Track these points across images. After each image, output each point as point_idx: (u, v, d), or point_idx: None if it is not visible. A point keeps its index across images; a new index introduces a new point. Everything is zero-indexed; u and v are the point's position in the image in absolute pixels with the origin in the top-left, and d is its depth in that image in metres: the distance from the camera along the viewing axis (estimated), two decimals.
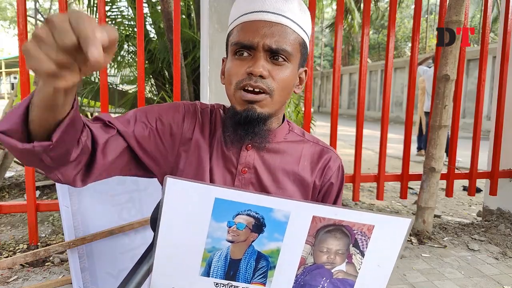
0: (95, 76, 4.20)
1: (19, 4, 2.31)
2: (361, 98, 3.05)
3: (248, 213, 0.58)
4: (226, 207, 0.58)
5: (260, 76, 0.77)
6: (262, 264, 0.63)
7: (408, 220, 0.61)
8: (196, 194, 0.57)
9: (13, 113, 0.61)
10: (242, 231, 0.60)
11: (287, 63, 0.81)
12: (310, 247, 0.62)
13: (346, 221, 0.60)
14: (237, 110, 0.81)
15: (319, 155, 0.92)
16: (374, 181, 3.22)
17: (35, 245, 2.51)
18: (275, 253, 0.62)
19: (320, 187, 0.91)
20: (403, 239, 0.61)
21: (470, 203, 4.31)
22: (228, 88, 0.83)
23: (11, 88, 24.22)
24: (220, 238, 0.60)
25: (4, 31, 28.70)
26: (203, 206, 0.58)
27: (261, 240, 0.61)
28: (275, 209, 0.58)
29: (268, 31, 0.78)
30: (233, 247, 0.61)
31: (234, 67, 0.81)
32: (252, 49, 0.79)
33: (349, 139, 7.26)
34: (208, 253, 0.61)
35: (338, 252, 0.62)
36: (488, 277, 2.41)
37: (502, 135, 3.30)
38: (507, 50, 3.22)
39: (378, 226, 0.60)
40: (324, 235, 0.61)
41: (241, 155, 0.87)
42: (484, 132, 3.77)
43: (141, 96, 2.58)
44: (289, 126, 0.94)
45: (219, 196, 0.57)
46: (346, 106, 20.97)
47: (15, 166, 4.90)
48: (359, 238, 0.61)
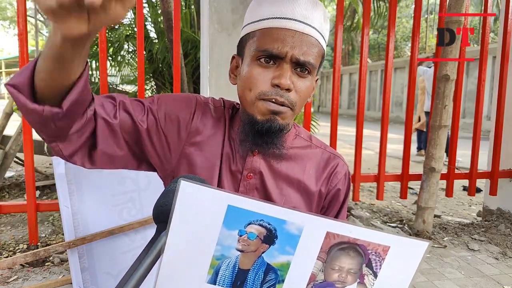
0: (95, 76, 4.20)
1: (19, 4, 2.31)
2: (361, 98, 3.05)
3: (261, 223, 0.57)
4: (238, 215, 0.56)
5: (287, 89, 0.76)
6: (270, 277, 0.61)
7: (426, 244, 0.59)
8: (209, 199, 0.56)
9: (26, 67, 0.60)
10: (253, 241, 0.58)
11: (309, 75, 0.80)
12: (321, 264, 0.60)
13: (361, 240, 0.58)
14: (257, 119, 0.79)
15: (326, 162, 0.91)
16: (374, 181, 3.22)
17: (35, 245, 2.51)
18: (285, 266, 0.60)
19: (326, 194, 0.90)
20: (418, 263, 0.59)
21: (470, 203, 4.31)
22: (245, 93, 0.80)
23: None
24: (230, 246, 0.59)
25: (4, 31, 28.69)
26: (215, 212, 0.56)
27: (271, 252, 0.59)
28: (289, 221, 0.57)
29: (297, 41, 0.76)
30: (242, 257, 0.59)
31: (256, 74, 0.78)
32: (278, 58, 0.76)
33: (349, 139, 7.26)
34: (217, 261, 0.60)
35: (350, 271, 0.60)
36: (488, 277, 2.41)
37: (502, 135, 3.30)
38: (507, 50, 3.21)
39: (394, 248, 0.58)
40: (337, 253, 0.59)
41: (247, 160, 0.86)
42: (484, 132, 3.77)
43: (141, 96, 2.57)
44: (295, 131, 0.92)
45: (232, 203, 0.56)
46: (346, 106, 20.96)
47: (15, 166, 4.89)
48: (373, 258, 0.59)
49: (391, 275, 0.60)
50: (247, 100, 0.80)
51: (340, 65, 2.97)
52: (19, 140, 3.73)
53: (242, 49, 0.83)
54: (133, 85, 4.44)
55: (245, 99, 0.81)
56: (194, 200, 0.56)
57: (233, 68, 0.87)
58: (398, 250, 0.59)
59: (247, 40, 0.81)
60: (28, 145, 2.39)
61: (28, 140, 2.39)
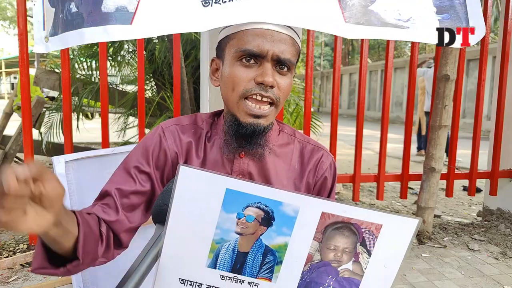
0: (95, 76, 4.20)
1: (19, 4, 2.31)
2: (361, 98, 3.05)
3: (258, 205, 0.58)
4: (236, 198, 0.58)
5: (270, 86, 0.78)
6: (269, 259, 0.63)
7: (416, 221, 0.61)
8: (208, 183, 0.58)
9: (36, 252, 0.69)
10: (251, 224, 0.60)
11: (289, 73, 0.82)
12: (317, 244, 0.62)
13: (354, 219, 0.60)
14: (240, 122, 0.81)
15: (310, 155, 0.93)
16: (374, 181, 3.22)
17: (35, 245, 2.51)
18: (282, 248, 0.62)
19: (314, 184, 0.93)
20: (410, 240, 0.61)
21: (470, 203, 4.31)
22: (229, 94, 0.82)
23: (11, 88, 24.22)
24: (229, 230, 0.60)
25: (4, 31, 28.70)
26: (214, 196, 0.58)
27: (269, 233, 0.61)
28: (285, 203, 0.58)
29: (277, 40, 0.79)
30: (241, 240, 0.61)
31: (239, 73, 0.80)
32: (260, 57, 0.79)
33: (349, 139, 7.26)
34: (216, 245, 0.61)
35: (345, 250, 0.62)
36: (488, 277, 2.41)
37: (502, 135, 3.30)
38: (507, 50, 3.21)
39: (386, 226, 0.60)
40: (332, 232, 0.61)
41: (235, 163, 0.88)
42: (484, 132, 3.77)
43: (141, 96, 2.58)
44: (279, 127, 0.95)
45: (230, 187, 0.57)
46: (346, 106, 20.96)
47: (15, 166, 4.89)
48: (367, 237, 0.61)
49: (384, 252, 0.62)
50: (231, 100, 0.82)
51: (340, 65, 2.97)
52: (19, 140, 3.73)
53: (222, 52, 0.85)
54: (133, 85, 4.44)
55: (229, 99, 0.83)
56: (193, 184, 0.58)
57: (214, 70, 0.89)
58: (390, 228, 0.61)
59: (227, 42, 0.84)
60: (28, 145, 2.39)
61: (28, 140, 2.39)
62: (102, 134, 2.55)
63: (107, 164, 1.70)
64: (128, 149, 1.69)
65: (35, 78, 3.96)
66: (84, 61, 4.16)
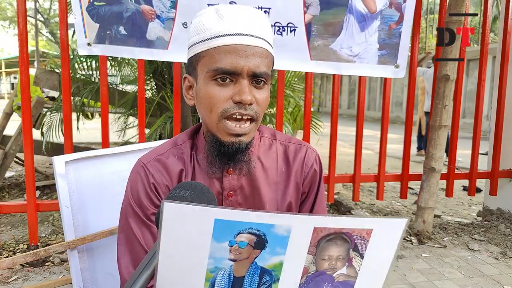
0: (95, 76, 4.20)
1: (19, 4, 2.31)
2: (361, 98, 3.05)
3: (250, 231, 0.57)
4: (226, 227, 0.57)
5: (249, 103, 0.77)
6: (266, 279, 0.62)
7: (404, 221, 0.61)
8: (195, 216, 0.57)
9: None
10: (244, 249, 0.59)
11: (266, 85, 0.81)
12: (312, 257, 0.62)
13: (346, 228, 0.60)
14: (222, 141, 0.81)
15: (294, 154, 0.94)
16: (374, 181, 3.22)
17: (35, 245, 2.51)
18: (278, 266, 0.62)
19: (302, 181, 0.94)
20: (399, 239, 0.63)
21: (470, 203, 4.31)
22: (207, 115, 0.81)
23: (11, 88, 24.23)
24: (222, 258, 0.60)
25: (4, 31, 28.70)
26: (203, 228, 0.57)
27: (263, 255, 0.60)
28: (276, 225, 0.58)
29: (250, 55, 0.76)
30: (236, 265, 0.60)
31: (215, 94, 0.78)
32: (235, 74, 0.77)
33: (349, 139, 7.26)
34: (211, 273, 0.61)
35: (339, 258, 0.63)
36: (488, 277, 2.41)
37: (502, 135, 3.30)
38: (507, 50, 3.21)
39: (376, 229, 0.61)
40: (325, 244, 0.61)
41: (224, 181, 0.88)
42: (484, 132, 3.77)
43: (141, 96, 2.58)
44: (259, 132, 0.94)
45: (218, 217, 0.56)
46: (346, 106, 20.97)
47: (15, 166, 4.90)
48: (359, 242, 0.62)
49: (376, 253, 0.64)
50: (209, 121, 0.81)
51: None
52: (19, 140, 3.73)
53: (194, 70, 0.83)
54: (133, 85, 4.44)
55: (208, 120, 0.82)
56: (180, 220, 0.57)
57: (187, 88, 0.87)
58: (380, 231, 0.62)
59: (198, 61, 0.80)
60: (28, 145, 2.39)
61: (28, 140, 2.39)
62: (102, 134, 2.55)
63: (107, 164, 1.70)
64: (128, 149, 1.69)
65: (35, 78, 3.95)
66: (84, 61, 4.16)
